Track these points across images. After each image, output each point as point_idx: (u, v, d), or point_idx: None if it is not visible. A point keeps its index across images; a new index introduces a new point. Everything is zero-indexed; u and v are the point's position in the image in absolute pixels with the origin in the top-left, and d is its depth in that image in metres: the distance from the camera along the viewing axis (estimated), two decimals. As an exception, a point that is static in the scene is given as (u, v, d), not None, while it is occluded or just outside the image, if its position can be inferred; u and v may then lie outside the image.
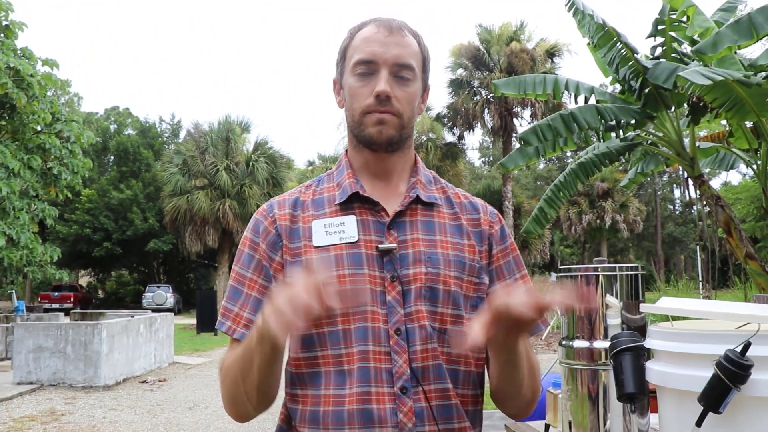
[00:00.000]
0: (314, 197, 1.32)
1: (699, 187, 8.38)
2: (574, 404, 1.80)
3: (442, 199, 1.33)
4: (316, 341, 1.20)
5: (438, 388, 1.19)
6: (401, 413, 1.15)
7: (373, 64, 1.24)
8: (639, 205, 34.42)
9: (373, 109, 1.24)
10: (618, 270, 1.77)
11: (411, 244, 1.24)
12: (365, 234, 1.24)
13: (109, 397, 9.32)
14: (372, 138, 1.26)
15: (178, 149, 31.32)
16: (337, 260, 1.21)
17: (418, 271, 1.21)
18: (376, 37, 1.25)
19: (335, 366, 1.19)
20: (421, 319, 1.20)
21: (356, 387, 1.16)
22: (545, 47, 26.29)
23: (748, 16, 6.66)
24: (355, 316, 1.18)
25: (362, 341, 1.17)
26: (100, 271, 40.77)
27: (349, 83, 1.28)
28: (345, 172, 1.32)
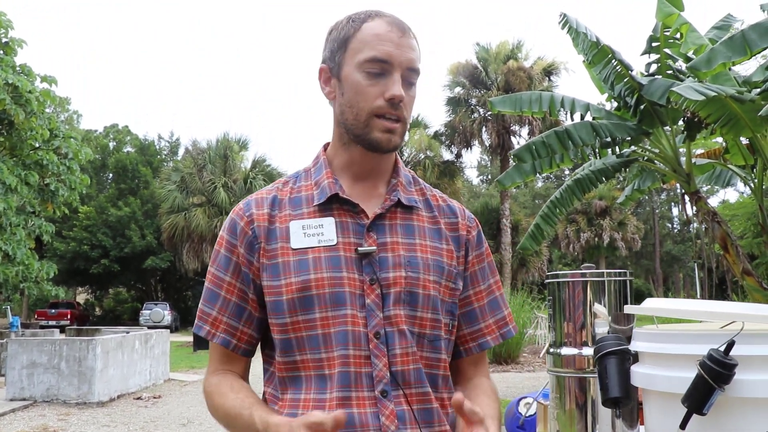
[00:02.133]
0: (291, 195, 1.28)
1: (695, 203, 8.38)
2: (561, 413, 1.77)
3: (422, 201, 1.31)
4: (294, 346, 1.19)
5: (419, 392, 1.18)
6: (383, 416, 1.14)
7: (388, 64, 1.19)
8: (637, 223, 34.46)
9: (384, 112, 1.20)
10: (606, 276, 1.75)
11: (391, 247, 1.22)
12: (344, 236, 1.21)
13: (102, 413, 9.24)
14: (379, 144, 1.22)
15: (176, 167, 31.41)
16: (315, 263, 1.18)
17: (398, 275, 1.20)
18: (390, 37, 1.20)
19: (315, 370, 1.17)
20: (400, 323, 1.18)
21: (336, 391, 1.14)
22: (542, 65, 26.46)
23: (741, 33, 6.70)
24: (335, 320, 1.17)
25: (342, 345, 1.16)
26: (98, 288, 40.65)
27: (354, 78, 1.21)
28: (323, 171, 1.28)
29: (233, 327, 1.25)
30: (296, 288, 1.17)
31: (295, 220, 1.23)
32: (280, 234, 1.22)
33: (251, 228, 1.24)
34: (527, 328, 15.45)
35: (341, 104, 1.24)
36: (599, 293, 1.75)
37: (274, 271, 1.20)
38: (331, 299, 1.17)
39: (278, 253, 1.21)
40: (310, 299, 1.17)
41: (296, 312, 1.18)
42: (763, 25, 6.56)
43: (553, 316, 1.81)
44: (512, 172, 9.03)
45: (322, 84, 1.29)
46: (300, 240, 1.21)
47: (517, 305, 14.67)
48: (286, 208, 1.25)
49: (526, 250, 9.27)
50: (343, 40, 1.24)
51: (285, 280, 1.19)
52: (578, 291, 1.76)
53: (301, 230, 1.21)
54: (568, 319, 1.76)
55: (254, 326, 1.26)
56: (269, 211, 1.25)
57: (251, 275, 1.23)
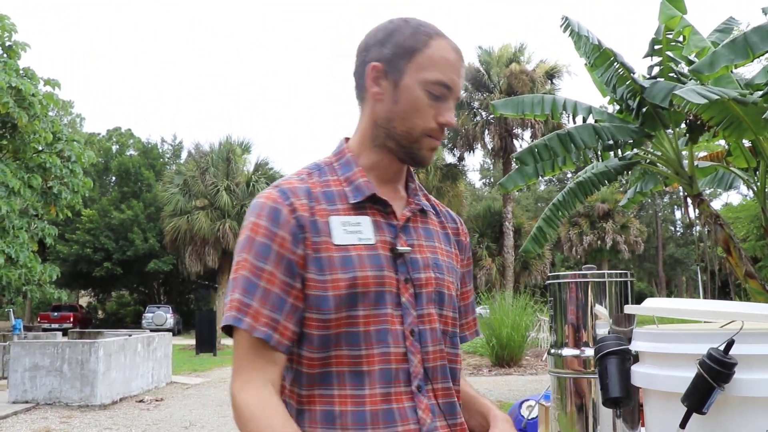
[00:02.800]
0: (323, 189, 1.25)
1: (698, 205, 8.37)
2: (562, 414, 1.77)
3: (430, 207, 1.38)
4: (332, 341, 1.18)
5: (444, 386, 1.25)
6: (420, 410, 1.19)
7: (449, 91, 1.24)
8: (640, 226, 34.41)
9: (435, 135, 1.25)
10: (607, 276, 1.76)
11: (419, 249, 1.27)
12: (380, 235, 1.23)
13: (105, 416, 9.25)
14: (423, 160, 1.27)
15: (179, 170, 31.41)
16: (359, 261, 1.19)
17: (428, 276, 1.25)
18: (456, 65, 1.25)
19: (350, 366, 1.17)
20: (433, 321, 1.24)
21: (378, 388, 1.16)
22: (545, 68, 26.47)
23: (743, 36, 6.70)
24: (376, 318, 1.18)
25: (384, 343, 1.18)
26: (101, 291, 40.69)
27: (417, 94, 1.22)
28: (354, 169, 1.28)
29: (275, 320, 1.16)
30: (344, 285, 1.17)
31: (333, 215, 1.22)
32: (322, 227, 1.20)
33: (294, 217, 1.19)
34: (529, 331, 15.44)
35: (391, 111, 1.24)
36: (600, 294, 1.75)
37: (319, 266, 1.18)
38: (374, 298, 1.18)
39: (322, 247, 1.19)
40: (355, 296, 1.17)
41: (342, 308, 1.17)
42: (764, 28, 6.55)
43: (554, 317, 1.81)
44: (514, 175, 9.03)
45: (370, 81, 1.26)
46: (342, 236, 1.20)
47: (520, 308, 14.66)
48: (322, 202, 1.23)
49: (529, 253, 9.26)
50: (409, 49, 1.24)
51: (331, 275, 1.17)
52: (579, 292, 1.76)
53: (341, 226, 1.21)
54: (569, 320, 1.76)
55: (295, 320, 1.18)
56: (308, 202, 1.21)
57: (296, 265, 1.18)
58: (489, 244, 30.70)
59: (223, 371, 15.61)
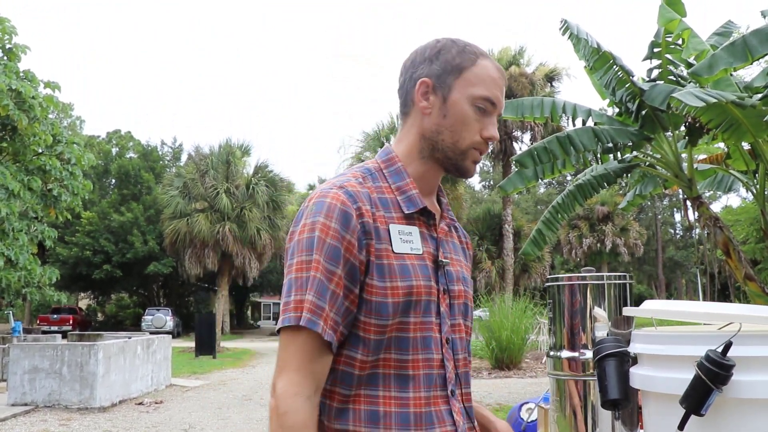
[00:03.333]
0: (380, 196, 1.27)
1: (697, 208, 8.38)
2: (561, 416, 1.77)
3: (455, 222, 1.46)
4: (383, 345, 1.22)
5: (467, 392, 1.33)
6: (455, 413, 1.26)
7: (494, 107, 1.30)
8: (639, 229, 34.42)
9: (480, 148, 1.31)
10: (606, 279, 1.76)
11: (452, 262, 1.34)
12: (426, 246, 1.28)
13: (104, 419, 9.24)
14: (468, 172, 1.33)
15: (178, 172, 31.46)
16: (414, 270, 1.23)
17: (460, 288, 1.34)
18: (500, 84, 1.32)
19: (397, 369, 1.22)
20: (461, 330, 1.33)
21: (422, 391, 1.23)
22: (544, 71, 26.49)
23: (742, 39, 6.70)
24: (423, 325, 1.24)
25: (428, 349, 1.25)
26: (100, 293, 40.66)
27: (465, 109, 1.28)
28: (406, 179, 1.31)
29: (337, 323, 1.19)
30: (402, 293, 1.21)
31: (392, 223, 1.25)
32: (383, 234, 1.23)
33: (360, 222, 1.21)
34: (529, 333, 15.42)
35: (439, 124, 1.30)
36: (599, 296, 1.75)
37: (381, 272, 1.20)
38: (424, 306, 1.24)
39: (383, 254, 1.21)
40: (409, 304, 1.22)
41: (398, 315, 1.21)
42: (763, 31, 6.56)
43: (553, 319, 1.81)
44: (514, 178, 9.03)
45: (419, 96, 1.31)
46: (399, 245, 1.24)
47: (519, 311, 14.65)
48: (380, 209, 1.25)
49: (528, 255, 9.26)
50: (457, 66, 1.30)
51: (391, 282, 1.20)
52: (578, 294, 1.76)
53: (398, 235, 1.25)
54: (568, 322, 1.76)
55: (347, 323, 1.21)
56: (370, 208, 1.23)
57: (359, 271, 1.20)
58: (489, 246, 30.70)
59: (223, 374, 15.60)
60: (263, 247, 28.71)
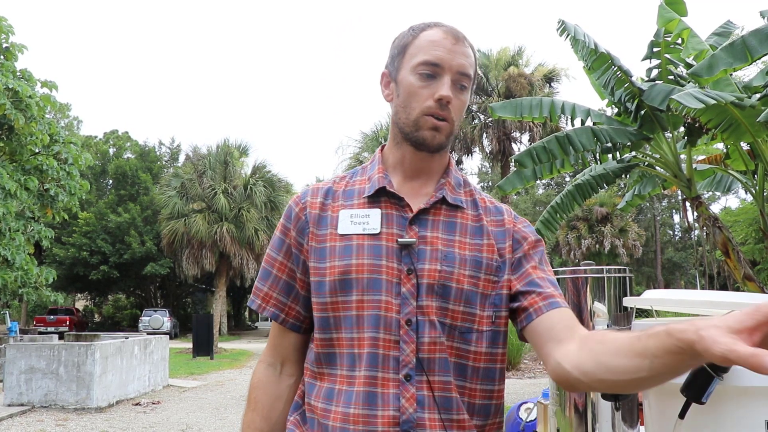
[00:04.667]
0: (346, 188, 1.39)
1: (696, 208, 8.36)
2: (560, 411, 1.75)
3: (469, 202, 1.38)
4: (332, 324, 1.29)
5: (441, 380, 1.24)
6: (404, 399, 1.22)
7: (439, 68, 1.28)
8: (638, 230, 34.41)
9: (432, 112, 1.28)
10: (606, 272, 1.74)
11: (430, 241, 1.29)
12: (388, 227, 1.30)
13: (101, 419, 9.21)
14: (425, 141, 1.31)
15: (176, 173, 31.42)
16: (358, 249, 1.28)
17: (433, 268, 1.27)
18: (444, 43, 1.29)
19: (348, 348, 1.27)
20: (431, 313, 1.25)
21: (365, 370, 1.23)
22: (543, 72, 26.51)
23: (742, 39, 6.70)
24: (368, 303, 1.25)
25: (373, 328, 1.24)
26: (97, 294, 40.59)
27: (408, 80, 1.31)
28: (376, 167, 1.38)
29: (282, 302, 1.37)
30: (338, 271, 1.28)
31: (345, 209, 1.34)
32: (331, 221, 1.34)
33: (304, 214, 1.36)
34: (527, 334, 15.39)
35: (396, 105, 1.35)
36: (599, 290, 1.73)
37: (321, 255, 1.31)
38: (367, 284, 1.26)
39: (327, 238, 1.32)
40: (348, 282, 1.27)
41: (336, 293, 1.28)
42: (763, 31, 6.55)
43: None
44: (513, 178, 9.01)
45: (383, 87, 1.40)
46: (346, 227, 1.31)
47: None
48: (339, 199, 1.37)
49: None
50: (402, 47, 1.35)
51: (329, 263, 1.29)
52: (578, 287, 1.74)
53: (349, 218, 1.32)
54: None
55: (301, 303, 1.37)
56: (322, 200, 1.37)
57: (302, 257, 1.35)
58: (487, 247, 30.59)
59: (220, 375, 15.57)
60: (261, 247, 28.64)
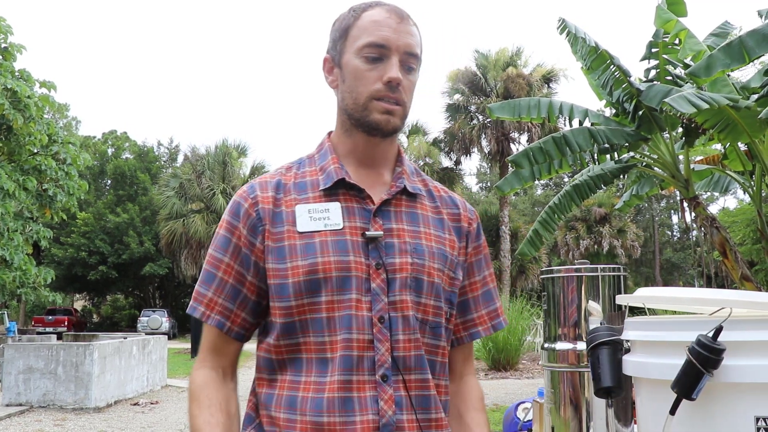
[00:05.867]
0: (296, 180, 1.28)
1: (694, 209, 8.37)
2: (554, 408, 1.77)
3: (424, 191, 1.33)
4: (298, 328, 1.19)
5: (418, 378, 1.20)
6: (382, 401, 1.15)
7: (385, 49, 1.22)
8: (637, 231, 34.41)
9: (382, 95, 1.22)
10: (600, 271, 1.76)
11: (397, 233, 1.23)
12: (350, 221, 1.22)
13: (99, 419, 9.21)
14: (378, 125, 1.23)
15: (175, 173, 31.45)
16: (322, 247, 1.19)
17: (404, 261, 1.21)
18: (388, 23, 1.23)
19: (317, 353, 1.18)
20: (406, 308, 1.20)
21: (338, 375, 1.15)
22: (542, 72, 26.53)
23: (739, 40, 6.71)
24: (340, 304, 1.17)
25: (346, 329, 1.17)
26: (96, 295, 40.56)
27: (354, 64, 1.24)
28: (329, 157, 1.29)
29: (228, 309, 1.24)
30: (303, 271, 1.18)
31: (300, 204, 1.23)
32: (286, 217, 1.23)
33: (255, 210, 1.23)
34: (526, 335, 15.43)
35: (342, 91, 1.27)
36: (593, 288, 1.75)
37: (280, 254, 1.20)
38: (337, 283, 1.18)
39: (284, 236, 1.21)
40: (316, 282, 1.18)
41: (302, 295, 1.18)
42: (760, 32, 6.57)
43: (548, 311, 1.81)
44: (511, 178, 9.02)
45: (326, 73, 1.31)
46: (306, 224, 1.21)
47: (516, 312, 14.66)
48: (292, 192, 1.26)
49: (525, 255, 9.24)
50: (343, 29, 1.27)
51: (291, 263, 1.19)
52: (572, 286, 1.76)
53: (307, 214, 1.22)
54: (562, 314, 1.76)
55: (249, 309, 1.25)
56: (274, 195, 1.25)
57: (253, 257, 1.23)
58: (485, 248, 30.61)
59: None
60: (260, 248, 28.62)
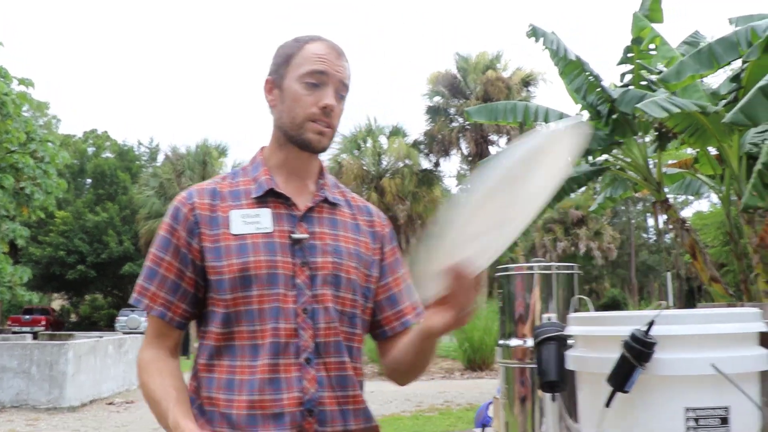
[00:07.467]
0: (231, 189, 1.45)
1: (665, 211, 8.51)
2: (508, 403, 1.83)
3: (343, 201, 1.53)
4: (233, 318, 1.36)
5: (337, 361, 1.38)
6: (305, 380, 1.33)
7: (324, 76, 1.40)
8: (613, 233, 34.72)
9: (317, 119, 1.39)
10: (554, 269, 1.82)
11: (319, 236, 1.42)
12: (279, 225, 1.40)
13: (73, 418, 9.16)
14: (311, 144, 1.41)
15: (155, 172, 31.23)
16: (254, 247, 1.36)
17: (325, 260, 1.40)
18: (329, 57, 1.41)
19: (249, 340, 1.35)
20: (326, 301, 1.38)
21: (267, 359, 1.32)
22: (521, 76, 26.69)
23: (708, 47, 6.86)
24: (269, 297, 1.35)
25: (274, 319, 1.34)
26: (74, 294, 40.11)
27: (294, 88, 1.41)
28: (261, 169, 1.46)
29: (169, 301, 1.40)
30: (237, 268, 1.35)
31: (234, 209, 1.40)
32: (222, 221, 1.39)
33: (193, 214, 1.40)
34: (502, 335, 15.51)
35: (280, 110, 1.43)
36: (546, 286, 1.81)
37: (217, 254, 1.37)
38: (267, 279, 1.35)
39: (220, 237, 1.38)
40: (249, 278, 1.35)
41: (237, 289, 1.35)
42: (727, 39, 6.72)
43: (503, 308, 1.87)
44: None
45: (266, 93, 1.48)
46: (240, 227, 1.38)
47: (492, 312, 14.73)
48: (227, 200, 1.42)
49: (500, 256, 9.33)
50: (287, 56, 1.44)
51: (227, 261, 1.36)
52: (527, 283, 1.82)
53: (241, 218, 1.39)
54: (516, 311, 1.82)
55: (188, 301, 1.41)
56: (210, 201, 1.42)
57: (190, 256, 1.39)
58: (464, 249, 30.76)
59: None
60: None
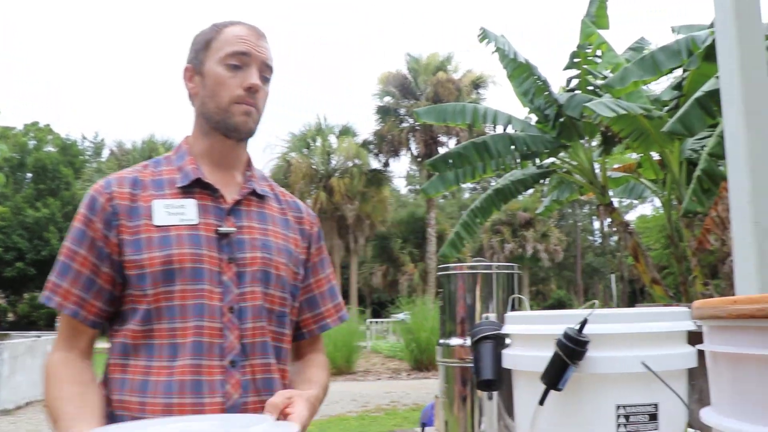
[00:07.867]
0: (153, 178, 1.35)
1: (610, 214, 8.70)
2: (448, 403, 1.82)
3: (272, 194, 1.47)
4: (153, 315, 1.26)
5: (263, 362, 1.31)
6: (229, 385, 1.25)
7: (247, 57, 1.34)
8: (560, 235, 35.39)
9: (242, 100, 1.34)
10: (495, 268, 1.82)
11: (248, 230, 1.35)
12: (205, 217, 1.32)
13: (7, 422, 8.87)
14: (237, 126, 1.35)
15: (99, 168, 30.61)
16: (178, 239, 1.27)
17: (254, 256, 1.33)
18: (249, 38, 1.36)
19: (168, 339, 1.25)
20: (256, 299, 1.31)
21: (188, 359, 1.23)
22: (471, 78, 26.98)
23: (651, 54, 7.04)
24: (192, 293, 1.26)
25: (198, 317, 1.25)
26: (12, 292, 38.91)
27: (216, 72, 1.35)
28: (186, 158, 1.38)
29: (83, 299, 1.28)
30: (159, 261, 1.25)
31: (158, 199, 1.31)
32: (143, 212, 1.30)
33: (111, 205, 1.30)
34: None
35: (203, 97, 1.37)
36: (487, 286, 1.81)
37: (137, 246, 1.27)
38: (191, 274, 1.26)
39: (141, 229, 1.28)
40: (171, 272, 1.25)
41: (159, 284, 1.25)
42: (670, 47, 6.91)
43: (444, 307, 1.86)
44: (436, 182, 9.17)
45: (186, 82, 1.41)
46: (163, 218, 1.29)
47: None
48: (149, 189, 1.33)
49: (446, 257, 9.41)
50: (205, 41, 1.38)
51: (148, 254, 1.26)
52: (467, 283, 1.82)
53: (164, 209, 1.30)
54: (456, 310, 1.82)
55: (103, 299, 1.29)
56: (131, 191, 1.32)
57: (107, 250, 1.28)
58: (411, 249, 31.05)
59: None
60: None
